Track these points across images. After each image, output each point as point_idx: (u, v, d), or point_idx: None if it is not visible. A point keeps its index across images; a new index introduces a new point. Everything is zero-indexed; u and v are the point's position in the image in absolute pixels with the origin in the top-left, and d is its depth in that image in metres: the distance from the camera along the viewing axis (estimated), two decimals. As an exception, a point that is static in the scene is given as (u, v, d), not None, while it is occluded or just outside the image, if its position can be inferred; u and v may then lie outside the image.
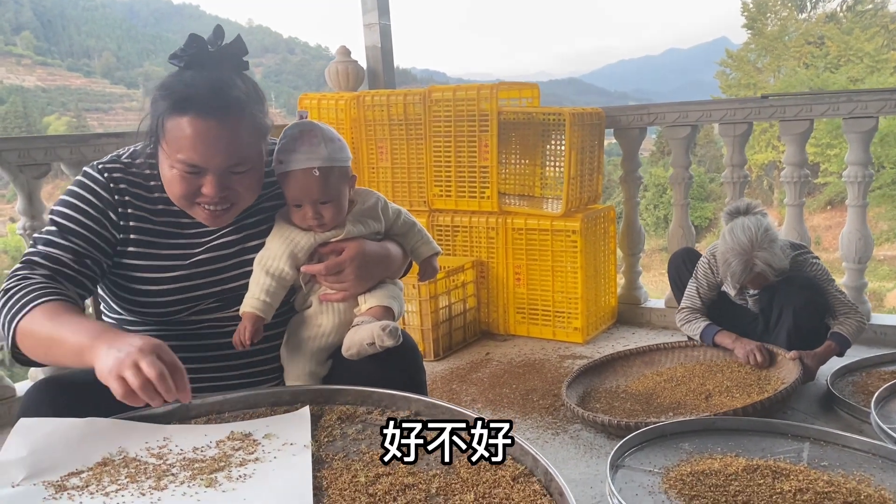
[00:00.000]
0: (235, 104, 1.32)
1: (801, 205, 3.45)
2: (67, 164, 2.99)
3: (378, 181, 3.95)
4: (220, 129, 1.30)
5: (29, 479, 1.01)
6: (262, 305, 1.42)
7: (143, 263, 1.41)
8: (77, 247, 1.36)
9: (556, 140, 3.62)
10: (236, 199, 1.39)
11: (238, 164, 1.35)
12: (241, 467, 1.05)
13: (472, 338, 3.70)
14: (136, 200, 1.42)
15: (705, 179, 25.46)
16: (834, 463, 1.87)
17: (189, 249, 1.44)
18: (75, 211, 1.38)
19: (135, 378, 1.06)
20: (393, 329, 1.35)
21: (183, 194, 1.35)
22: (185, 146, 1.30)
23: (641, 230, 3.92)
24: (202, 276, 1.44)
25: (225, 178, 1.34)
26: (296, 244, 1.44)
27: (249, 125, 1.35)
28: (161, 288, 1.42)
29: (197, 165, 1.32)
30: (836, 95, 3.23)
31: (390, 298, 1.47)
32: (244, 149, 1.35)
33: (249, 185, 1.40)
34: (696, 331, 2.90)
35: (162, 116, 1.31)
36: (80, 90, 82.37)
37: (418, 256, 1.63)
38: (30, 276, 1.31)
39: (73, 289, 1.34)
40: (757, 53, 31.29)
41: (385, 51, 4.39)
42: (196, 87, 1.30)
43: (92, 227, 1.38)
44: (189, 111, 1.29)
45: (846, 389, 2.68)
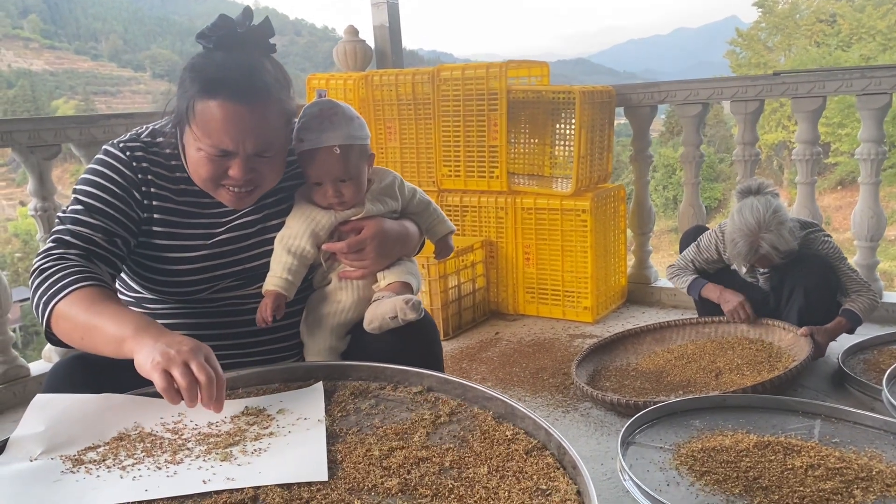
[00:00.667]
0: (265, 89, 1.32)
1: (813, 183, 3.42)
2: (77, 144, 3.00)
3: (387, 161, 3.94)
4: (250, 113, 1.30)
5: (46, 454, 1.02)
6: (285, 283, 1.43)
7: (166, 243, 1.42)
8: (106, 226, 1.35)
9: (566, 119, 3.60)
10: (261, 182, 1.39)
11: (266, 148, 1.35)
12: (255, 441, 1.06)
13: (482, 317, 3.71)
14: (157, 180, 1.42)
15: (715, 160, 25.32)
16: (845, 440, 1.87)
17: (211, 229, 1.45)
18: (100, 189, 1.37)
19: (182, 377, 1.06)
20: (416, 303, 1.36)
21: (209, 177, 1.35)
22: (214, 130, 1.30)
23: (652, 209, 3.90)
24: (224, 255, 1.44)
25: (251, 162, 1.35)
26: (317, 223, 1.45)
27: (277, 110, 1.35)
28: (184, 267, 1.42)
29: (226, 149, 1.32)
30: (850, 72, 3.20)
31: (408, 274, 1.49)
32: (272, 134, 1.35)
33: (274, 168, 1.40)
34: (684, 284, 2.96)
35: (192, 99, 1.31)
36: (87, 73, 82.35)
37: (434, 235, 1.64)
38: (66, 257, 1.30)
39: (105, 269, 1.34)
40: (767, 32, 30.98)
41: (393, 30, 4.36)
42: (227, 71, 1.30)
43: (118, 205, 1.37)
44: (220, 95, 1.28)
45: (858, 367, 2.67)
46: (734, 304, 2.80)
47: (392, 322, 1.37)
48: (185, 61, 1.38)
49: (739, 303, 2.79)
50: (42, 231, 2.98)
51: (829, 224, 20.41)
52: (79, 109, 57.84)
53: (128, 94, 77.89)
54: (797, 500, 1.57)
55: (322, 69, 5.37)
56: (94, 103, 65.95)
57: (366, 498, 0.91)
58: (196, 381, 1.06)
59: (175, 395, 1.07)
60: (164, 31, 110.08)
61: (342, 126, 1.42)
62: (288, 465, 0.97)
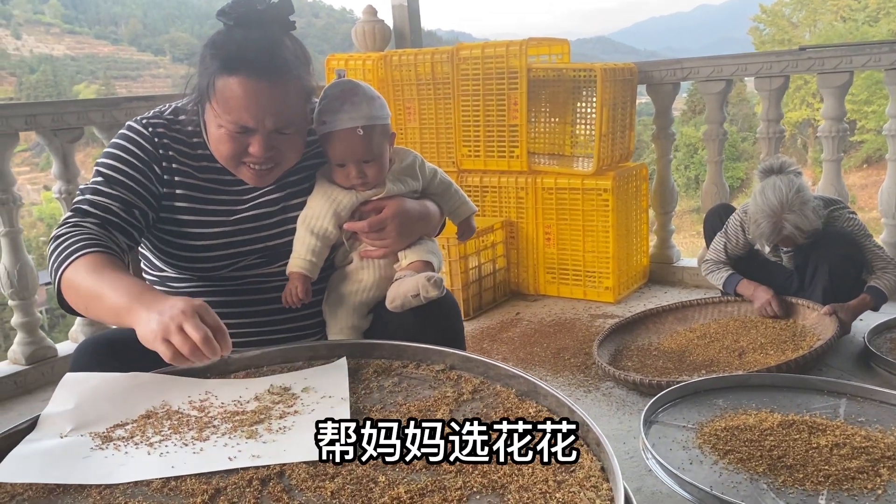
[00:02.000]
0: (285, 66, 1.32)
1: (839, 160, 3.37)
2: (99, 127, 3.03)
3: (406, 142, 3.93)
4: (270, 90, 1.30)
5: (76, 431, 1.04)
6: (309, 265, 1.44)
7: (188, 218, 1.43)
8: (125, 196, 1.36)
9: (588, 97, 3.56)
10: (281, 160, 1.39)
11: (286, 125, 1.35)
12: (280, 419, 1.06)
13: (502, 298, 3.71)
14: (179, 157, 1.42)
15: (737, 139, 25.01)
16: (871, 419, 1.85)
17: (233, 206, 1.45)
18: (121, 162, 1.39)
19: (183, 342, 1.07)
20: (437, 280, 1.36)
21: (230, 154, 1.36)
22: (234, 106, 1.30)
23: (674, 188, 3.86)
24: (246, 232, 1.45)
25: (272, 139, 1.35)
26: (339, 203, 1.45)
27: (297, 87, 1.35)
28: (206, 243, 1.43)
29: (246, 126, 1.32)
30: (878, 46, 3.13)
31: (429, 253, 1.49)
32: (292, 110, 1.35)
33: (294, 146, 1.40)
34: (719, 280, 2.94)
35: (213, 76, 1.31)
36: (108, 58, 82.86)
37: (457, 217, 1.64)
38: (81, 224, 1.32)
39: (121, 238, 1.34)
40: (792, 8, 30.42)
41: (411, 10, 4.34)
42: (247, 47, 1.30)
43: (138, 178, 1.38)
44: (240, 71, 1.29)
45: (884, 346, 2.64)
46: (762, 300, 2.79)
47: (414, 300, 1.37)
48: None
49: (767, 300, 2.77)
50: (66, 213, 3.01)
51: (854, 202, 20.12)
52: (100, 94, 58.17)
53: (148, 78, 78.28)
54: (822, 478, 1.56)
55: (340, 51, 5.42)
56: (115, 87, 66.32)
57: (390, 473, 0.91)
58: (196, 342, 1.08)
59: (183, 360, 1.09)
60: (183, 15, 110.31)
61: (364, 106, 1.42)
62: (312, 443, 0.97)
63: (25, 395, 2.84)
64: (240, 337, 1.47)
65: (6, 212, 2.83)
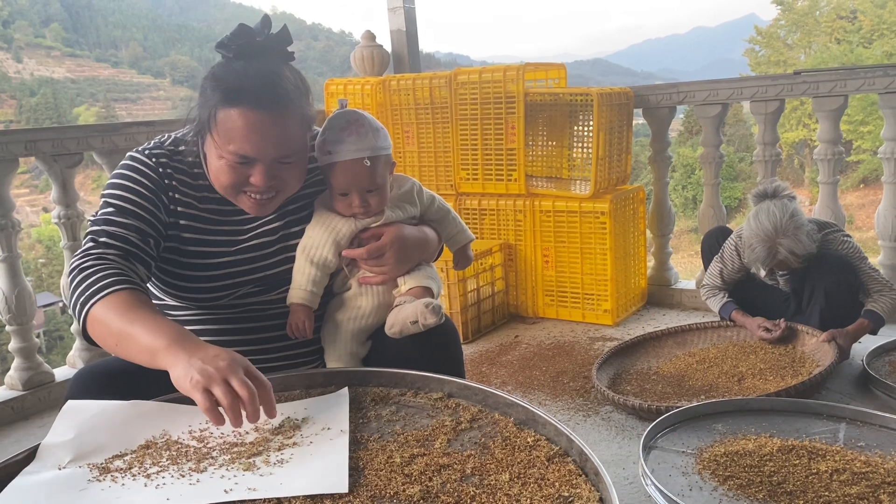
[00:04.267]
0: (285, 96, 1.34)
1: (835, 182, 3.39)
2: (99, 153, 3.04)
3: (405, 166, 3.95)
4: (271, 121, 1.32)
5: (75, 462, 1.04)
6: (309, 296, 1.46)
7: (190, 249, 1.44)
8: (139, 226, 1.37)
9: (584, 121, 3.59)
10: (282, 188, 1.40)
11: (287, 155, 1.36)
12: (279, 452, 1.06)
13: (501, 321, 3.71)
14: (181, 187, 1.43)
15: (734, 159, 25.11)
16: (871, 443, 1.85)
17: (234, 236, 1.46)
18: (129, 192, 1.39)
19: (224, 396, 1.05)
20: (436, 307, 1.37)
21: (231, 184, 1.37)
22: (236, 137, 1.31)
23: (671, 210, 3.88)
24: (247, 262, 1.46)
25: (273, 168, 1.36)
26: (338, 231, 1.46)
27: (297, 117, 1.36)
28: (208, 274, 1.44)
29: (248, 156, 1.33)
30: (872, 70, 3.16)
31: (428, 279, 1.49)
32: (293, 140, 1.36)
33: (295, 175, 1.41)
34: (715, 306, 2.97)
35: (214, 108, 1.32)
36: (108, 80, 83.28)
37: (454, 244, 1.65)
38: (105, 257, 1.31)
39: (141, 269, 1.35)
40: (787, 29, 30.69)
41: (410, 34, 4.37)
42: (248, 79, 1.31)
43: (148, 207, 1.39)
44: (242, 103, 1.30)
45: (883, 369, 2.64)
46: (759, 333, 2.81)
47: (413, 327, 1.37)
48: (204, 67, 1.40)
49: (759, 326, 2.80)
50: (66, 238, 3.01)
51: (851, 223, 20.17)
52: (100, 116, 58.53)
53: (148, 101, 78.64)
54: (822, 505, 1.55)
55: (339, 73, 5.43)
56: (115, 110, 66.65)
57: (388, 506, 0.91)
58: (238, 398, 1.05)
59: (219, 416, 1.06)
60: (184, 38, 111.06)
61: (370, 137, 1.43)
62: (309, 477, 0.97)
63: (22, 421, 2.82)
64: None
65: (5, 237, 2.83)
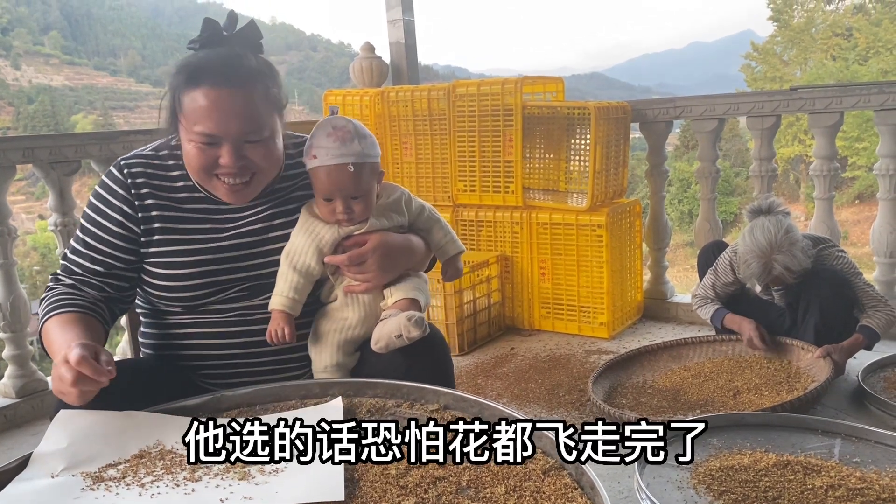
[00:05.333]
0: (247, 74, 1.37)
1: (831, 198, 3.40)
2: (97, 160, 3.04)
3: (402, 176, 3.95)
4: (232, 97, 1.35)
5: (68, 470, 1.03)
6: (291, 303, 1.44)
7: (168, 249, 1.45)
8: (97, 252, 1.44)
9: (581, 134, 3.60)
10: (255, 171, 1.41)
11: (252, 131, 1.38)
12: (273, 462, 1.06)
13: (497, 333, 3.70)
14: (156, 190, 1.46)
15: (731, 174, 25.21)
16: (866, 459, 1.85)
17: (214, 234, 1.46)
18: (95, 212, 1.46)
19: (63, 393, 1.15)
20: (418, 319, 1.36)
21: (201, 166, 1.39)
22: (200, 117, 1.35)
23: (668, 224, 3.89)
24: (227, 261, 1.46)
25: (241, 149, 1.38)
26: (320, 238, 1.45)
27: (262, 95, 1.39)
28: (186, 272, 1.44)
29: (213, 135, 1.35)
30: (867, 87, 3.18)
31: (416, 291, 1.48)
32: (258, 117, 1.38)
33: (266, 156, 1.41)
34: (707, 314, 2.96)
35: (178, 92, 1.37)
36: (106, 89, 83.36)
37: (444, 254, 1.62)
38: (54, 287, 1.43)
39: (94, 293, 1.43)
40: (783, 46, 30.89)
41: (409, 47, 4.39)
42: (209, 61, 1.36)
43: (110, 227, 1.44)
44: (203, 82, 1.34)
45: (878, 385, 2.64)
46: (747, 334, 2.79)
47: (398, 340, 1.36)
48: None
49: (750, 335, 2.78)
50: (62, 246, 3.01)
51: (846, 238, 20.23)
52: (97, 124, 58.49)
53: (145, 109, 78.64)
54: (817, 521, 1.55)
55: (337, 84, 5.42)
56: (113, 118, 66.63)
57: (383, 517, 0.91)
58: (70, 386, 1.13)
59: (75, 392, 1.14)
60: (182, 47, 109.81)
61: (356, 143, 1.43)
62: (305, 485, 0.97)
63: (15, 429, 2.81)
64: (226, 368, 1.49)
65: (1, 244, 2.83)
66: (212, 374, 1.49)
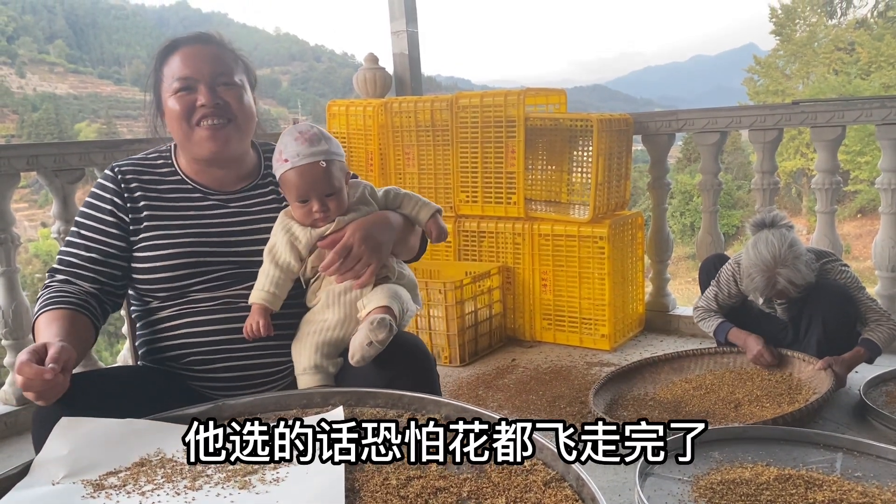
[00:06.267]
0: (219, 38, 1.59)
1: (833, 212, 3.40)
2: (100, 168, 3.05)
3: (405, 186, 3.96)
4: (205, 49, 1.55)
5: (69, 478, 1.03)
6: (270, 297, 1.49)
7: (154, 234, 1.52)
8: (91, 241, 1.52)
9: (584, 146, 3.61)
10: (231, 115, 1.54)
11: (223, 73, 1.54)
12: (274, 470, 1.06)
13: (498, 344, 3.70)
14: (145, 185, 1.58)
15: (733, 187, 25.18)
16: (868, 474, 1.84)
17: (199, 220, 1.55)
18: (89, 207, 1.56)
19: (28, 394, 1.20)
20: (380, 320, 1.37)
21: (183, 113, 1.51)
22: (176, 69, 1.53)
23: (670, 237, 3.89)
24: (211, 245, 1.53)
25: (215, 88, 1.52)
26: (296, 238, 1.51)
27: (230, 53, 1.58)
28: (171, 252, 1.51)
29: (188, 77, 1.51)
30: (869, 101, 3.19)
31: (390, 298, 1.48)
32: (229, 63, 1.56)
33: (239, 100, 1.55)
34: (710, 328, 2.95)
35: (159, 69, 1.55)
36: (110, 97, 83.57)
37: (421, 221, 1.65)
38: (49, 285, 1.50)
39: (86, 285, 1.50)
40: (785, 60, 30.94)
41: (412, 58, 4.41)
42: (184, 35, 1.58)
43: (102, 217, 1.54)
44: (179, 47, 1.55)
45: (880, 399, 2.63)
46: (755, 351, 2.78)
47: (371, 349, 1.37)
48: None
49: (759, 350, 2.76)
50: (50, 268, 3.02)
51: (849, 252, 20.19)
52: (101, 132, 58.66)
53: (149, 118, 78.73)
54: (819, 535, 1.54)
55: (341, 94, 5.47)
56: (116, 126, 66.77)
57: (384, 528, 0.91)
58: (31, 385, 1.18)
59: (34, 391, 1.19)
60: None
61: (323, 143, 1.49)
62: (305, 495, 0.97)
63: (15, 436, 2.81)
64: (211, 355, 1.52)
65: (4, 251, 2.83)
66: (198, 362, 1.52)
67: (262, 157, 1.69)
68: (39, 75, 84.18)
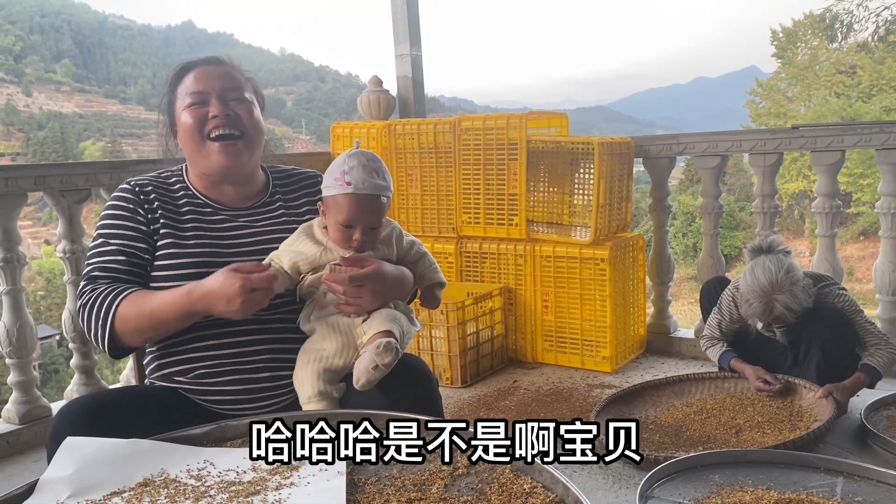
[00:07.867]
0: (227, 59, 1.68)
1: (834, 235, 3.42)
2: (107, 189, 3.08)
3: (408, 208, 3.99)
4: (215, 67, 1.64)
5: (73, 498, 1.04)
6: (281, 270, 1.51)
7: (168, 241, 1.57)
8: (122, 246, 1.56)
9: (585, 168, 3.64)
10: (243, 128, 1.60)
11: (233, 88, 1.62)
12: (276, 491, 1.07)
13: (500, 365, 3.70)
14: (161, 200, 1.63)
15: (735, 208, 25.22)
16: (868, 498, 1.84)
17: (211, 233, 1.60)
18: (113, 218, 1.60)
19: (244, 307, 1.39)
20: (387, 344, 1.39)
21: (195, 126, 1.58)
22: (189, 86, 1.60)
23: (671, 259, 3.91)
24: (221, 256, 1.56)
25: (226, 102, 1.60)
26: (302, 255, 1.52)
27: (240, 73, 1.67)
28: (183, 261, 1.54)
29: (201, 91, 1.59)
30: (869, 126, 3.22)
31: (390, 322, 1.49)
32: (239, 80, 1.65)
33: (250, 116, 1.62)
34: (714, 356, 2.97)
35: (173, 91, 1.63)
36: (115, 116, 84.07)
37: (423, 282, 1.67)
38: (97, 287, 1.52)
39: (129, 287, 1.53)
40: (787, 82, 31.12)
41: (416, 81, 4.46)
42: (197, 57, 1.67)
43: (128, 224, 1.58)
44: (192, 68, 1.63)
45: (881, 423, 2.63)
46: (753, 382, 2.81)
47: (375, 372, 1.38)
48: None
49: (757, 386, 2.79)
50: (69, 273, 3.03)
51: (852, 275, 20.17)
52: (105, 151, 58.91)
53: (154, 137, 76.47)
54: (819, 560, 1.54)
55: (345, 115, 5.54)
56: (121, 145, 67.09)
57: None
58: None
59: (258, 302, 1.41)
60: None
61: (387, 177, 1.53)
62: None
63: (17, 455, 2.81)
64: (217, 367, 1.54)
65: (10, 270, 2.85)
66: (205, 375, 1.54)
67: (269, 178, 1.74)
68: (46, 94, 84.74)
